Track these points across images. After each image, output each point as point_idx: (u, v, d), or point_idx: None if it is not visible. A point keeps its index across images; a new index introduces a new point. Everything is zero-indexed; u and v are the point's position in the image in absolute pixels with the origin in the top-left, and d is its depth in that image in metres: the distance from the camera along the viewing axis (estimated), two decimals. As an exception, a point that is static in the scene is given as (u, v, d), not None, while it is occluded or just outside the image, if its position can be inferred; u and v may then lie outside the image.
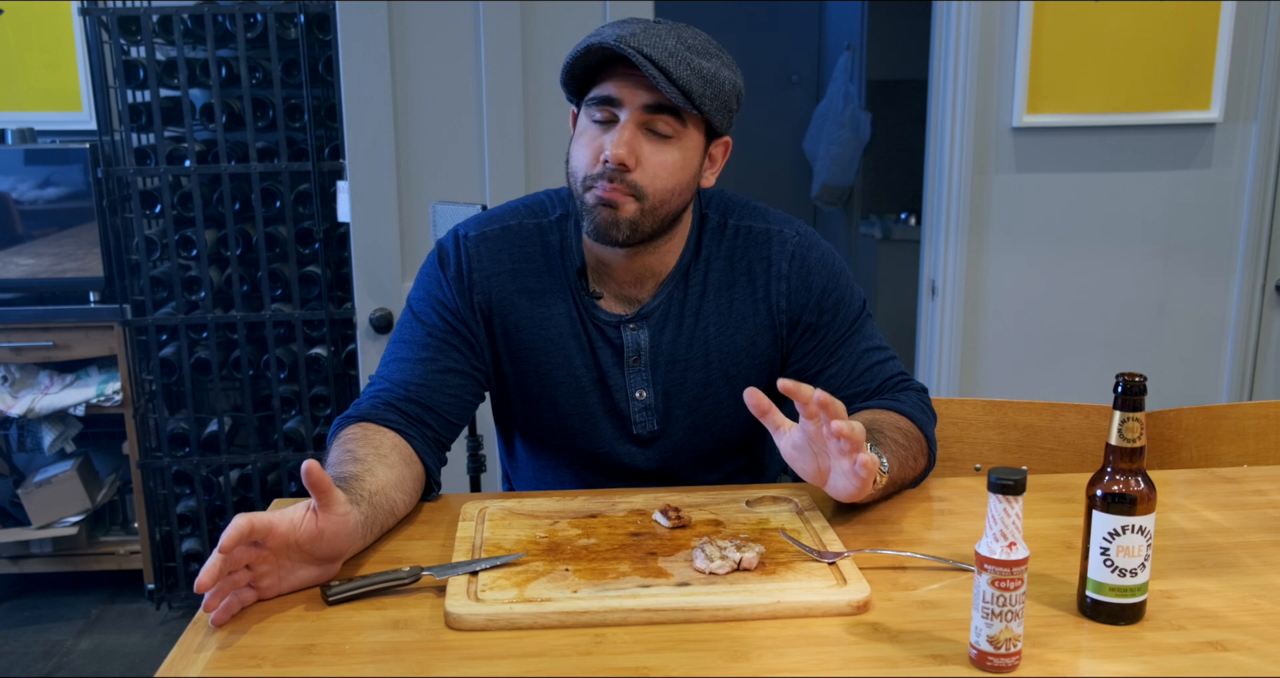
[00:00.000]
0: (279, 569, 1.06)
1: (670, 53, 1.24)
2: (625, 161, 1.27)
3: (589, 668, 0.94)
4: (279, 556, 1.06)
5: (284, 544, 1.05)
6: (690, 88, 1.25)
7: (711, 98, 1.27)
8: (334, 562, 1.10)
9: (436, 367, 1.37)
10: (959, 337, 2.85)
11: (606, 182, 1.28)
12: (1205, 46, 2.72)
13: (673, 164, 1.30)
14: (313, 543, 1.06)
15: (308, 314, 2.90)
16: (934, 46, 2.81)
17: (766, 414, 1.17)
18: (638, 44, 1.23)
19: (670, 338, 1.41)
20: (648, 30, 1.26)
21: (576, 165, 1.32)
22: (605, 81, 1.28)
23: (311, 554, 1.07)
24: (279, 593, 1.07)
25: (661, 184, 1.30)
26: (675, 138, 1.30)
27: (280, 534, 1.04)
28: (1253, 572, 1.13)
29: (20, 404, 2.92)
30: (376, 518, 1.17)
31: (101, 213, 2.90)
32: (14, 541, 3.01)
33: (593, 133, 1.30)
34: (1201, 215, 2.85)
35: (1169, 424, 1.70)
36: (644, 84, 1.26)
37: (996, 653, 0.93)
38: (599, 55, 1.26)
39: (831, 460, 1.17)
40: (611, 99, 1.28)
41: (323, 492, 1.06)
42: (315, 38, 2.82)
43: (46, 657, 2.80)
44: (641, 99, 1.27)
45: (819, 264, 1.43)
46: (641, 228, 1.31)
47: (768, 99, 4.93)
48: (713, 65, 1.28)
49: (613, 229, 1.30)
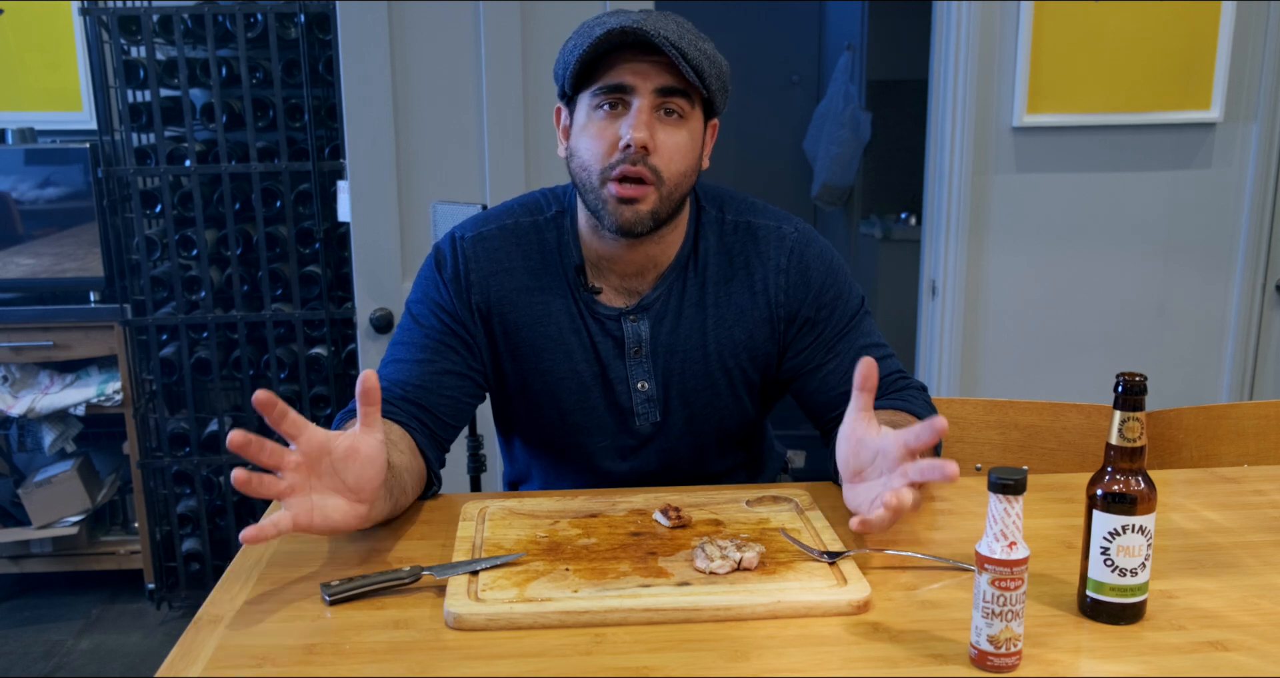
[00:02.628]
0: (309, 485, 1.05)
1: (679, 35, 1.26)
2: (646, 144, 1.27)
3: (589, 668, 0.94)
4: (312, 467, 1.05)
5: (319, 451, 1.04)
6: (701, 68, 1.27)
7: (715, 78, 1.30)
8: (360, 500, 1.09)
9: (434, 368, 1.37)
10: (959, 337, 2.85)
11: (629, 165, 1.28)
12: (1205, 46, 2.72)
13: (685, 145, 1.31)
14: (346, 461, 1.06)
15: (308, 314, 2.90)
16: (934, 46, 2.81)
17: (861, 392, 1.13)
18: (653, 27, 1.24)
19: (669, 328, 1.41)
20: (651, 16, 1.27)
21: (589, 158, 1.31)
22: (612, 71, 1.28)
23: (343, 479, 1.06)
24: (309, 523, 1.05)
25: (677, 166, 1.30)
26: (685, 119, 1.31)
27: (317, 440, 1.04)
28: (1253, 572, 1.13)
29: (20, 404, 2.92)
30: (394, 488, 1.18)
31: (102, 213, 2.90)
32: (14, 540, 3.01)
33: (602, 123, 1.30)
34: (1201, 215, 2.85)
35: (1169, 424, 1.70)
36: (656, 68, 1.27)
37: (997, 653, 0.93)
38: (618, 39, 1.25)
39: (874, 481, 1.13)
40: (624, 87, 1.28)
41: (372, 403, 1.06)
42: (315, 38, 2.82)
43: (46, 657, 2.80)
44: (655, 83, 1.27)
45: (817, 259, 1.43)
46: (661, 215, 1.32)
47: (768, 99, 4.93)
48: (710, 47, 1.31)
49: (637, 225, 1.30)
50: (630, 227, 1.30)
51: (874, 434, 1.12)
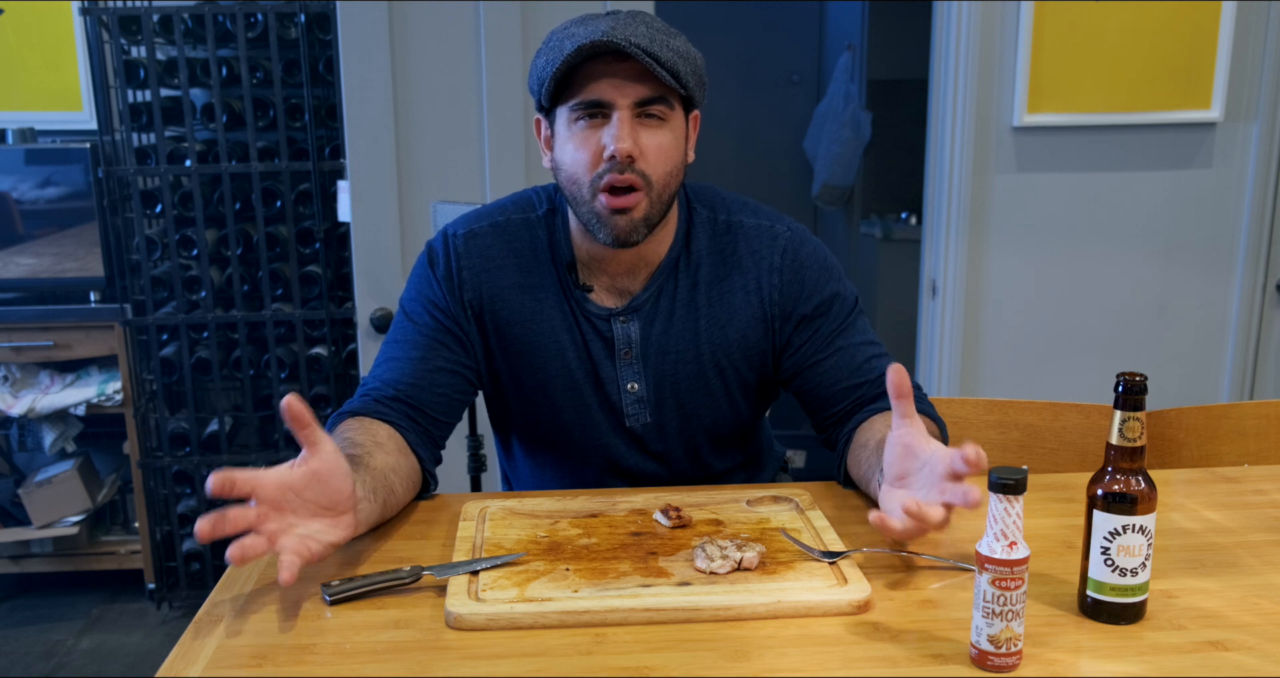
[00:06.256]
0: (287, 525, 1.04)
1: (650, 38, 1.25)
2: (632, 154, 1.27)
3: (589, 668, 0.94)
4: (281, 511, 1.04)
5: (279, 494, 1.03)
6: (676, 69, 1.26)
7: (691, 74, 1.29)
8: (341, 513, 1.08)
9: (428, 366, 1.37)
10: (959, 336, 2.85)
11: (617, 174, 1.27)
12: (1205, 46, 2.72)
13: (669, 146, 1.31)
14: (310, 486, 1.05)
15: (308, 314, 2.90)
16: (934, 46, 2.81)
17: (898, 400, 1.13)
18: (619, 36, 1.23)
19: (661, 330, 1.41)
20: (620, 22, 1.26)
21: (576, 170, 1.30)
22: (589, 85, 1.27)
23: (315, 503, 1.05)
24: (311, 556, 1.03)
25: (662, 169, 1.30)
26: (666, 120, 1.30)
27: (270, 483, 1.02)
28: (1253, 571, 1.13)
29: (21, 404, 2.92)
30: (377, 489, 1.18)
31: (102, 212, 2.90)
32: (14, 540, 3.01)
33: (584, 134, 1.29)
34: (1202, 215, 2.85)
35: (1169, 424, 1.70)
36: (630, 77, 1.26)
37: (997, 653, 0.93)
38: (589, 52, 1.24)
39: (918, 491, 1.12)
40: (601, 103, 1.27)
41: (304, 426, 1.04)
42: (316, 37, 2.82)
43: (47, 657, 2.80)
44: (632, 96, 1.27)
45: (811, 258, 1.43)
46: (653, 219, 1.32)
47: (768, 99, 4.93)
48: (681, 43, 1.29)
49: (633, 234, 1.31)
50: (626, 236, 1.31)
51: (924, 445, 1.12)
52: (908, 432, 1.14)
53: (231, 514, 1.00)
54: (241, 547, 0.98)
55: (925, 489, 1.10)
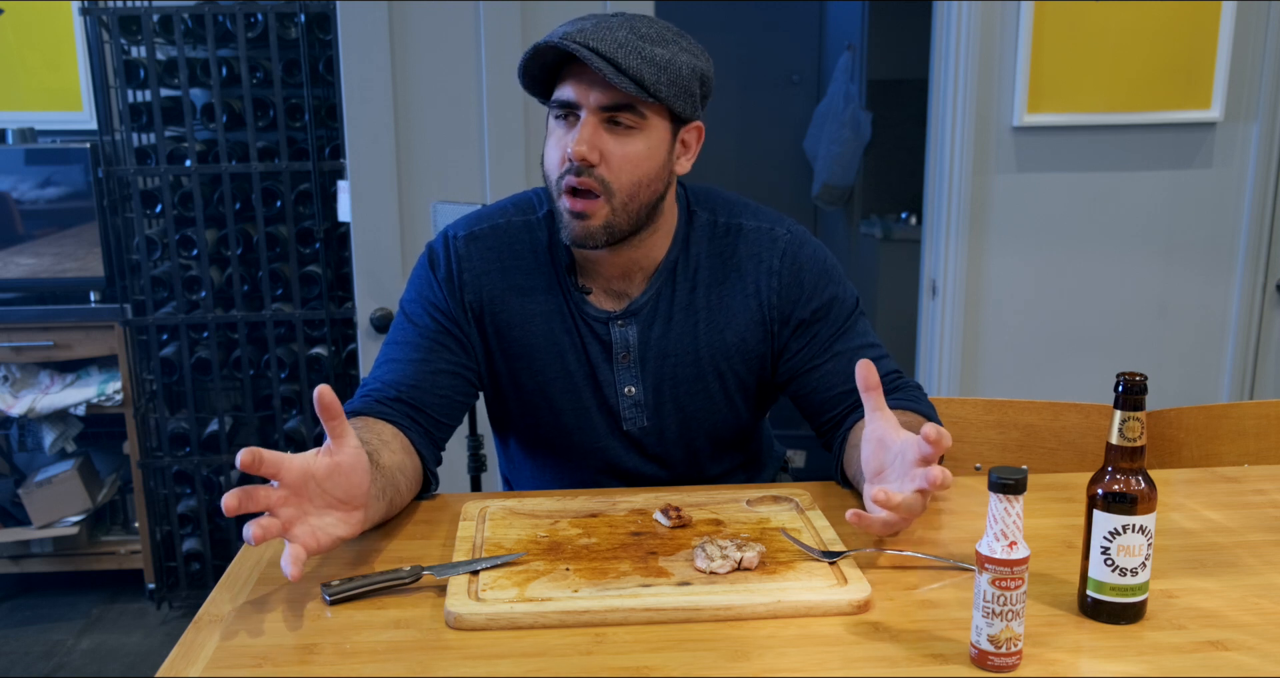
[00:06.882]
0: (303, 512, 1.05)
1: (620, 44, 1.24)
2: (587, 158, 1.27)
3: (589, 668, 0.94)
4: (300, 497, 1.05)
5: (301, 480, 1.05)
6: (643, 77, 1.24)
7: (668, 84, 1.27)
8: (354, 508, 1.09)
9: (428, 367, 1.37)
10: (959, 336, 2.85)
11: (574, 176, 1.28)
12: (1205, 46, 2.72)
13: (637, 155, 1.30)
14: (331, 478, 1.06)
15: (308, 314, 2.91)
16: (934, 46, 2.81)
17: (867, 392, 1.16)
18: (585, 39, 1.23)
19: (659, 333, 1.41)
20: (599, 25, 1.26)
21: (548, 167, 1.33)
22: (564, 83, 1.29)
23: (332, 494, 1.07)
24: (319, 547, 1.05)
25: (628, 177, 1.30)
26: (638, 129, 1.29)
27: (295, 468, 1.04)
28: (1253, 571, 1.13)
29: (21, 404, 2.92)
30: (386, 488, 1.18)
31: (102, 212, 2.90)
32: (14, 540, 3.01)
33: (559, 133, 1.31)
34: (1202, 215, 2.85)
35: (1169, 424, 1.70)
36: (598, 81, 1.26)
37: (997, 652, 0.93)
38: (551, 55, 1.26)
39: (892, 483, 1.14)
40: (569, 103, 1.29)
41: (333, 417, 1.06)
42: (315, 38, 2.82)
43: (47, 657, 2.80)
44: (597, 98, 1.27)
45: (810, 261, 1.43)
46: (618, 227, 1.31)
47: (768, 99, 4.93)
48: (668, 52, 1.27)
49: (588, 239, 1.31)
50: (580, 240, 1.31)
51: (895, 436, 1.14)
52: (879, 425, 1.16)
53: (259, 492, 1.01)
54: (262, 527, 1.00)
55: (899, 479, 1.12)
